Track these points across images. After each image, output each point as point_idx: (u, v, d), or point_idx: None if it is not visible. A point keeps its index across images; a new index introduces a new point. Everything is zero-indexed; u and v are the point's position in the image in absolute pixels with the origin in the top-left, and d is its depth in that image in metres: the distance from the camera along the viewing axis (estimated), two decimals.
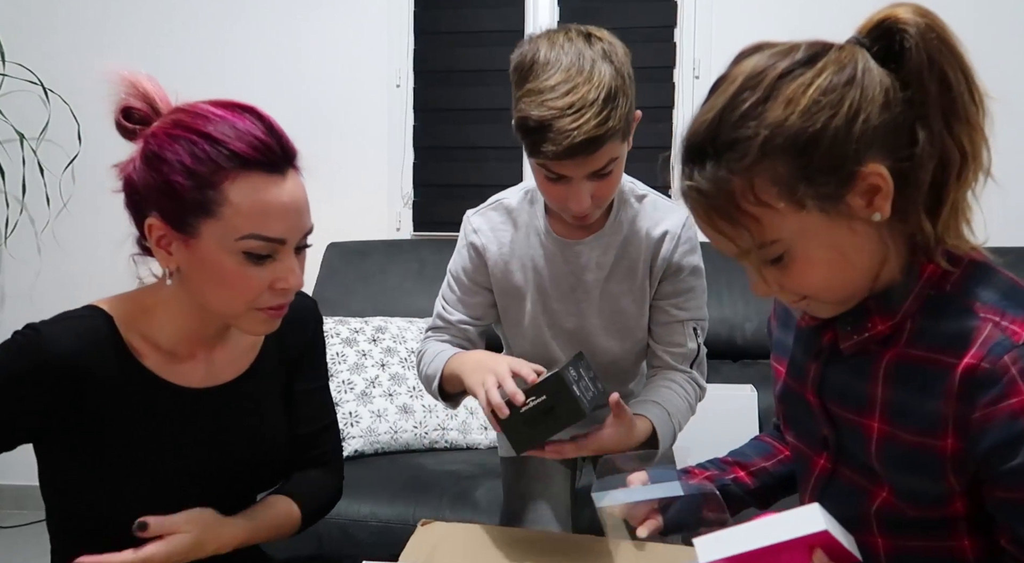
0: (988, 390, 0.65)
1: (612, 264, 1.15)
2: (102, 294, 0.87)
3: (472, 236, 1.21)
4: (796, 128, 0.65)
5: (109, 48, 2.51)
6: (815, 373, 0.80)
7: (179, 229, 0.79)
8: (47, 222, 2.52)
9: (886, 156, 0.67)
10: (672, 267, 1.16)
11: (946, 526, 0.73)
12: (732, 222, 0.68)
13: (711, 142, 0.68)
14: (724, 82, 0.70)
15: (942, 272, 0.71)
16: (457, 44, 2.39)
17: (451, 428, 1.93)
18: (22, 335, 0.81)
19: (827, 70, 0.66)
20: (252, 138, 0.77)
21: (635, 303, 1.17)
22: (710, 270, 2.17)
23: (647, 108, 2.29)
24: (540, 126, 0.97)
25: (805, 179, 0.66)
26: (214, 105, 0.80)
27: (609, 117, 0.97)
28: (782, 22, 2.18)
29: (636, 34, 2.32)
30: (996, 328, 0.67)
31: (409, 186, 2.43)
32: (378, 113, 2.41)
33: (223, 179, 0.76)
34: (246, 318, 0.83)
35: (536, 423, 0.93)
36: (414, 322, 2.07)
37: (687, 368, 1.20)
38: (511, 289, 1.19)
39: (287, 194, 0.79)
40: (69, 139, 2.47)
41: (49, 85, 2.44)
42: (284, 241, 0.79)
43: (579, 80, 0.96)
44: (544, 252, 1.16)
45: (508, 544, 1.03)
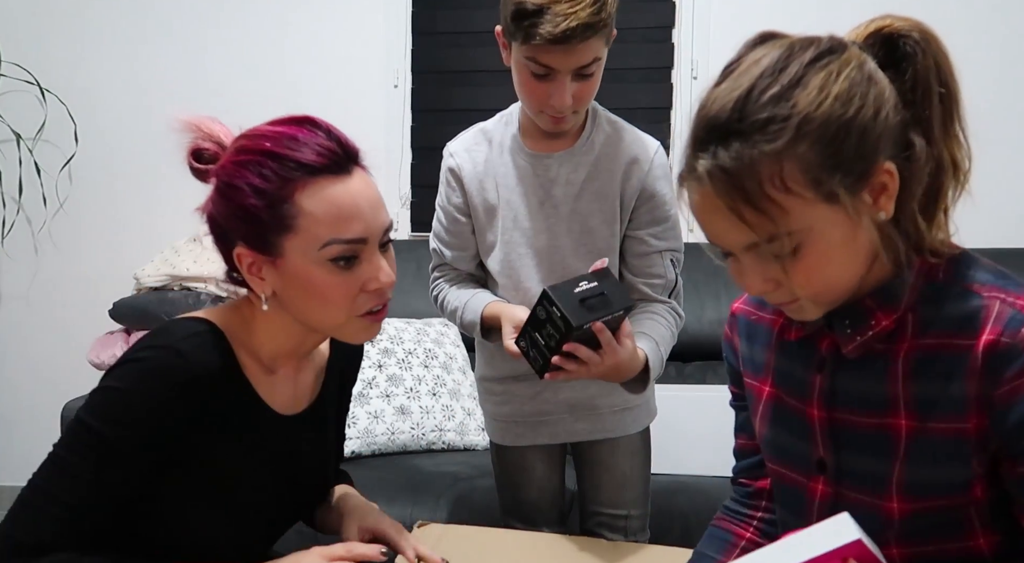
0: (1012, 364, 0.65)
1: (583, 181, 1.17)
2: (99, 294, 0.87)
3: (449, 160, 1.25)
4: (829, 115, 0.64)
5: (106, 48, 2.50)
6: (822, 385, 0.77)
7: (264, 251, 0.79)
8: (44, 222, 2.52)
9: (893, 156, 0.67)
10: (646, 192, 1.17)
11: (962, 525, 0.72)
12: (755, 208, 0.65)
13: (739, 121, 0.65)
14: (742, 65, 0.68)
15: (931, 265, 0.72)
16: (455, 44, 2.39)
17: (448, 429, 1.93)
18: (161, 354, 0.77)
19: (852, 62, 0.66)
20: (314, 145, 0.77)
21: (605, 223, 1.18)
22: (707, 270, 2.18)
23: (645, 109, 2.33)
24: (539, 9, 1.00)
25: (832, 168, 0.64)
26: (272, 124, 0.80)
27: (602, 8, 1.02)
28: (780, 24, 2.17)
29: (634, 35, 2.32)
30: (1005, 305, 0.67)
31: (407, 187, 2.43)
32: (376, 113, 2.40)
33: (293, 191, 0.76)
34: (348, 327, 0.82)
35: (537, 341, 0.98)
36: (411, 323, 2.07)
37: (666, 298, 1.21)
38: (486, 207, 1.21)
39: (357, 193, 0.78)
40: (66, 139, 2.46)
41: (46, 85, 2.44)
42: (365, 240, 0.79)
43: None
44: (515, 167, 1.19)
45: (505, 546, 1.03)
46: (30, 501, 0.76)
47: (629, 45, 2.32)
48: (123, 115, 2.52)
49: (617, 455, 1.26)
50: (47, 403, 2.12)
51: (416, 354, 1.99)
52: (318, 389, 0.94)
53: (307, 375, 0.92)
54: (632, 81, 2.32)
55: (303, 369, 0.91)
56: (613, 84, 2.32)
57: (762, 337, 0.84)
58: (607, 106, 2.61)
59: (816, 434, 0.77)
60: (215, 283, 2.13)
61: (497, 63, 2.76)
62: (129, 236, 2.51)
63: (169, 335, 0.79)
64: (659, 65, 2.30)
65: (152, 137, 2.51)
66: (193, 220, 2.70)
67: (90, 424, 0.76)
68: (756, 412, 0.85)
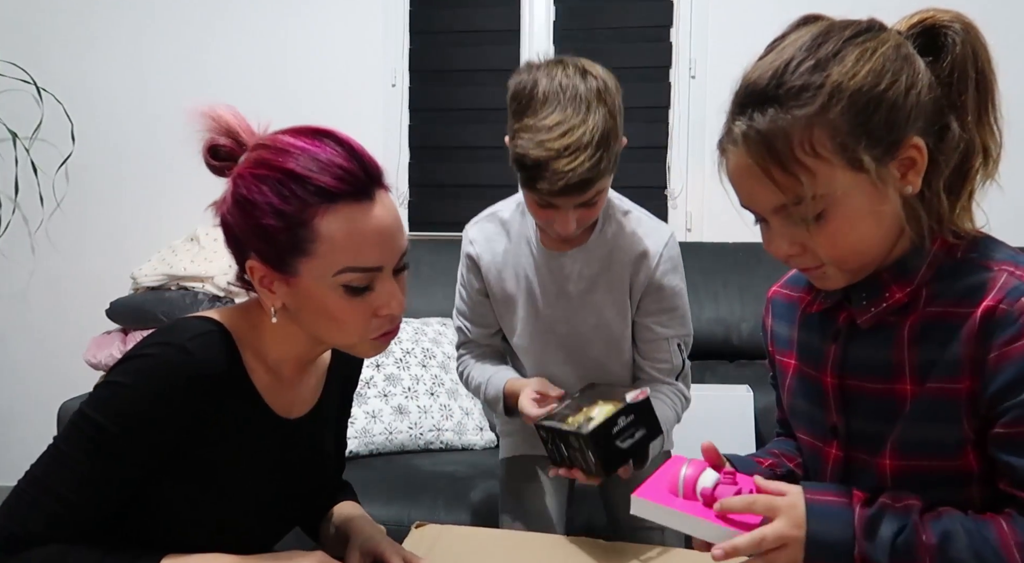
0: (1005, 330, 0.68)
1: (595, 276, 1.21)
2: (96, 294, 0.86)
3: (468, 247, 1.30)
4: (861, 85, 0.68)
5: (104, 47, 2.50)
6: (835, 354, 0.80)
7: (279, 269, 0.78)
8: (40, 222, 2.51)
9: (924, 134, 0.71)
10: (653, 285, 1.20)
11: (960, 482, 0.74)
12: (785, 170, 0.69)
13: (776, 87, 0.69)
14: (785, 39, 0.73)
15: (951, 244, 0.75)
16: (453, 43, 2.38)
17: (446, 429, 1.93)
18: (168, 351, 0.77)
19: (889, 42, 0.70)
20: (336, 169, 0.75)
21: (619, 315, 1.23)
22: (705, 270, 2.18)
23: (643, 108, 2.33)
24: (537, 165, 1.03)
25: (860, 137, 0.68)
26: (294, 136, 0.78)
27: (601, 159, 1.03)
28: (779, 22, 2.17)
29: (632, 33, 2.31)
30: (1012, 276, 0.70)
31: (404, 186, 2.42)
32: (373, 112, 2.40)
33: (313, 216, 0.75)
34: (359, 347, 0.83)
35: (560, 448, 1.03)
36: (409, 322, 2.07)
37: (672, 381, 1.26)
38: (505, 296, 1.26)
39: (378, 219, 0.77)
40: (62, 138, 2.46)
41: (42, 84, 2.43)
42: (381, 268, 0.78)
43: (575, 121, 1.02)
44: (533, 261, 1.23)
45: (503, 546, 1.03)
46: (24, 493, 0.76)
47: (627, 44, 2.32)
48: (120, 114, 2.52)
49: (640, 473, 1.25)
50: (44, 403, 2.11)
51: (414, 353, 1.99)
52: (319, 393, 0.94)
53: (310, 379, 0.92)
54: (630, 80, 2.30)
55: (306, 374, 0.91)
56: None
57: (790, 315, 0.89)
58: None
59: (830, 400, 0.81)
60: (212, 282, 2.13)
61: (495, 63, 2.75)
62: (126, 235, 2.50)
63: (177, 333, 0.78)
64: (657, 64, 2.30)
65: (150, 136, 2.51)
66: (191, 219, 2.70)
67: (92, 417, 0.76)
68: (784, 385, 0.90)
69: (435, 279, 2.19)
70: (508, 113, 1.10)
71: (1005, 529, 0.69)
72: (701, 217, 2.30)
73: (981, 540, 0.69)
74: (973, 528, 0.70)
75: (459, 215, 2.43)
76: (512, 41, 2.35)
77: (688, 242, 2.29)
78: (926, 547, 0.69)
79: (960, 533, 0.69)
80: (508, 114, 1.10)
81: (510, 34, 2.35)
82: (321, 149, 0.76)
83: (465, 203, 2.43)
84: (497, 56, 2.35)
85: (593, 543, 1.06)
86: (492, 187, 2.41)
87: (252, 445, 0.84)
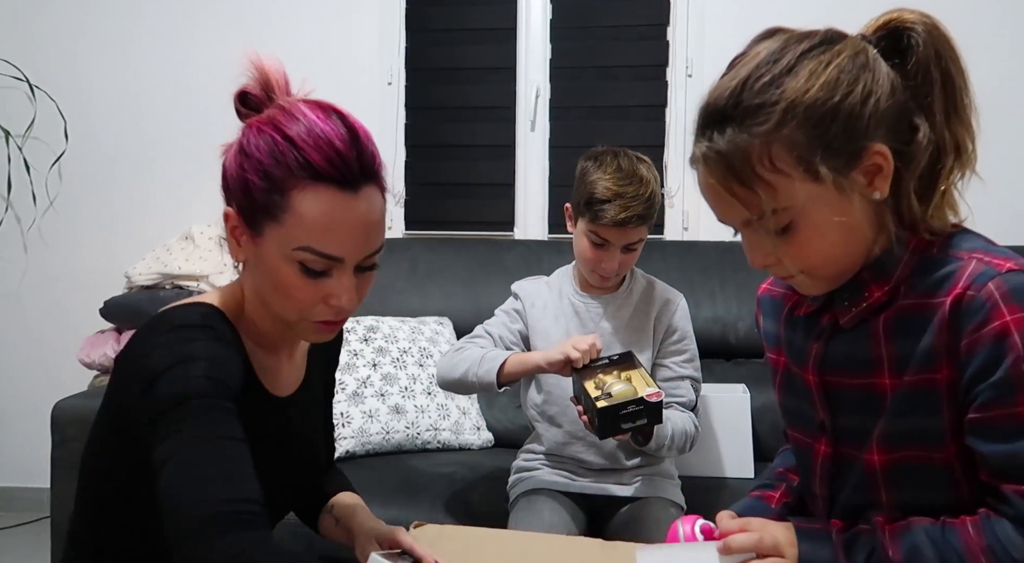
0: (974, 317, 0.69)
1: (624, 316, 1.50)
2: (90, 293, 0.85)
3: (518, 290, 1.57)
4: (816, 99, 0.69)
5: (97, 45, 2.48)
6: (817, 352, 0.82)
7: (249, 225, 0.79)
8: (33, 220, 2.50)
9: (889, 140, 0.71)
10: (672, 328, 1.50)
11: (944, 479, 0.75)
12: (746, 186, 0.71)
13: (734, 108, 0.71)
14: (745, 57, 0.74)
15: (926, 241, 0.76)
16: (449, 41, 2.37)
17: (444, 429, 1.92)
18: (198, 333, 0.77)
19: (844, 52, 0.71)
20: (330, 150, 0.75)
21: (642, 352, 1.47)
22: (702, 269, 2.18)
23: (639, 106, 2.33)
24: (607, 199, 1.35)
25: (819, 149, 0.70)
26: (309, 105, 0.79)
27: (652, 205, 1.38)
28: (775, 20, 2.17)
29: (629, 32, 2.31)
30: (980, 262, 0.71)
31: (400, 184, 2.42)
32: (370, 111, 2.39)
33: (292, 186, 0.75)
34: (299, 326, 0.82)
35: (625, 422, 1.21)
36: (406, 321, 2.06)
37: (688, 412, 1.49)
38: (544, 330, 1.51)
39: (354, 213, 0.76)
40: (56, 136, 2.44)
41: (35, 81, 2.41)
42: (341, 259, 0.77)
43: (635, 176, 1.38)
44: (572, 305, 1.52)
45: (501, 546, 1.02)
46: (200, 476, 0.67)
47: (623, 43, 2.32)
48: (114, 112, 2.50)
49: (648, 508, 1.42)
50: (37, 403, 2.10)
51: (411, 353, 1.98)
52: (304, 371, 0.94)
53: (294, 360, 0.93)
54: (627, 79, 2.31)
55: (292, 355, 0.92)
56: (608, 82, 2.32)
57: (777, 312, 0.91)
58: (603, 104, 2.60)
59: (815, 397, 0.83)
60: (207, 281, 2.12)
61: (491, 61, 2.75)
62: (120, 234, 2.49)
63: (189, 316, 0.79)
64: (654, 62, 2.30)
65: (143, 134, 2.50)
66: (185, 218, 2.69)
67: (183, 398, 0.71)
68: (774, 382, 0.92)
69: (431, 278, 2.18)
70: (576, 179, 1.44)
71: (971, 534, 0.69)
72: (698, 216, 2.30)
73: (947, 548, 0.70)
74: (939, 538, 0.71)
75: (456, 213, 2.44)
76: (509, 39, 2.35)
77: (685, 241, 2.29)
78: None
79: (927, 545, 0.70)
80: (576, 180, 1.43)
81: (507, 32, 2.35)
82: (327, 125, 0.76)
83: (462, 201, 2.44)
84: (494, 54, 2.35)
85: (592, 542, 1.05)
86: (489, 186, 2.41)
87: (252, 423, 0.83)
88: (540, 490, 1.46)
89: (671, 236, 2.32)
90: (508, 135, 2.36)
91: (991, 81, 2.09)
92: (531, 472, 1.51)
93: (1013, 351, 0.67)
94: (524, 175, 2.38)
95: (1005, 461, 0.69)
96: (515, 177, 2.38)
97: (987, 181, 0.77)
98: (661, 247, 2.19)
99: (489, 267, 2.17)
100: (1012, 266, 0.70)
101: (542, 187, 2.38)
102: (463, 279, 2.17)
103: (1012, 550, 0.67)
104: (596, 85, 2.32)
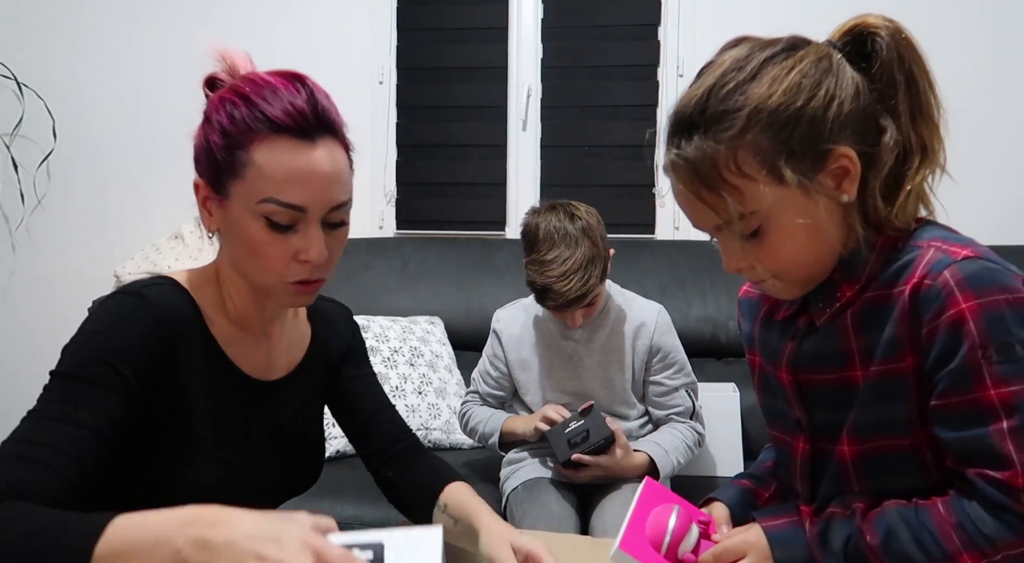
0: (931, 305, 0.70)
1: (601, 342, 1.56)
2: (78, 293, 0.85)
3: (495, 324, 1.66)
4: (779, 105, 0.71)
5: (86, 43, 2.47)
6: (790, 350, 0.83)
7: (216, 190, 0.80)
8: (21, 219, 2.48)
9: (855, 143, 0.73)
10: (654, 348, 1.56)
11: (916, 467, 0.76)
12: (714, 192, 0.72)
13: (700, 115, 0.73)
14: (711, 66, 0.76)
15: (892, 238, 0.77)
16: (440, 41, 2.37)
17: (434, 428, 1.92)
18: (126, 298, 0.78)
19: (807, 58, 0.73)
20: (287, 104, 0.78)
21: (620, 371, 1.56)
22: (693, 268, 2.19)
23: (631, 106, 2.33)
24: (542, 289, 1.41)
25: (784, 153, 0.71)
26: (270, 73, 0.82)
27: (588, 279, 1.40)
28: (765, 21, 2.19)
29: (620, 32, 2.32)
30: (938, 250, 0.72)
31: (392, 184, 2.41)
32: (361, 110, 2.39)
33: (251, 140, 0.77)
34: (276, 291, 0.82)
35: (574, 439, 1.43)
36: (397, 321, 2.05)
37: (687, 421, 1.57)
38: (521, 360, 1.61)
39: (312, 161, 0.78)
40: (44, 135, 2.42)
41: (23, 80, 2.39)
42: (304, 209, 0.78)
43: (566, 255, 1.39)
44: (549, 334, 1.58)
45: None
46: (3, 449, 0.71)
47: (615, 42, 2.32)
48: (103, 111, 2.48)
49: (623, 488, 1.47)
50: (25, 403, 2.08)
51: (402, 352, 1.98)
52: (298, 361, 0.94)
53: (280, 343, 0.92)
54: (618, 78, 2.32)
55: (275, 336, 0.91)
56: (599, 81, 2.32)
57: (754, 313, 0.92)
58: (594, 104, 2.60)
59: (790, 396, 0.84)
60: None
61: (483, 60, 2.74)
62: (109, 233, 2.47)
63: (131, 285, 0.80)
64: (645, 62, 2.30)
65: (132, 133, 2.48)
66: (175, 217, 2.67)
67: (59, 372, 0.76)
68: (753, 383, 0.93)
69: (423, 277, 2.18)
70: (521, 247, 1.49)
71: (942, 512, 0.71)
72: None
73: (920, 529, 0.71)
74: (913, 519, 0.72)
75: (447, 213, 2.44)
76: (500, 39, 2.35)
77: (675, 241, 2.30)
78: (871, 548, 0.73)
79: (901, 527, 0.72)
80: (521, 248, 1.49)
81: (498, 32, 2.35)
82: (284, 86, 0.80)
83: (453, 201, 2.43)
84: (485, 54, 2.35)
85: (583, 539, 1.05)
86: (480, 185, 2.41)
87: (224, 403, 0.84)
88: (536, 480, 1.50)
89: (662, 236, 2.33)
90: (499, 134, 2.36)
91: (961, 80, 2.11)
92: (521, 463, 1.55)
93: (969, 338, 0.69)
94: (515, 174, 2.38)
95: (967, 447, 0.70)
96: (506, 176, 2.38)
97: (959, 181, 0.79)
98: (652, 247, 2.19)
99: (480, 266, 2.17)
100: (967, 253, 0.71)
101: (533, 186, 2.38)
102: (454, 279, 2.17)
103: (981, 526, 0.68)
104: (588, 85, 2.33)
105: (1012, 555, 0.68)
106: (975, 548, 0.68)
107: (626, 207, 2.33)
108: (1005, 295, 0.69)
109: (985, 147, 2.13)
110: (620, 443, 1.44)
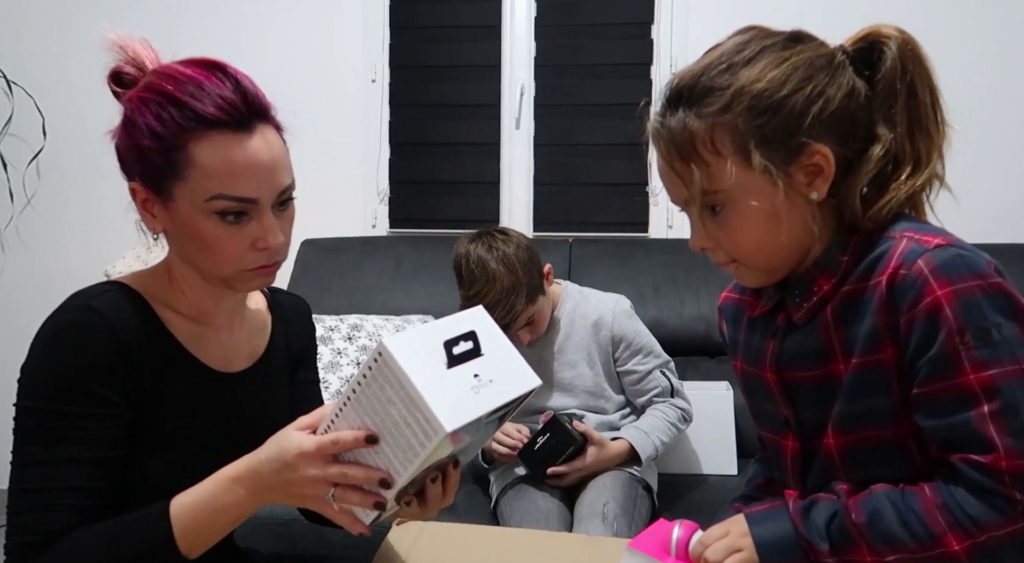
0: (907, 294, 0.71)
1: (563, 341, 1.61)
2: (69, 292, 0.84)
3: None
4: (763, 90, 0.72)
5: (76, 40, 2.45)
6: (772, 349, 0.84)
7: (157, 192, 0.79)
8: (11, 218, 2.46)
9: (837, 143, 0.74)
10: (616, 338, 1.61)
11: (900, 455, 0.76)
12: (686, 164, 0.75)
13: (690, 89, 0.75)
14: (715, 47, 0.78)
15: (869, 232, 0.78)
16: (433, 39, 2.37)
17: None
18: (72, 313, 0.77)
19: (805, 53, 0.74)
20: (216, 97, 0.76)
21: (587, 365, 1.61)
22: (686, 267, 2.19)
23: (624, 105, 2.33)
24: None
25: (758, 138, 0.73)
26: (184, 65, 0.80)
27: (512, 307, 1.47)
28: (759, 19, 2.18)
29: (613, 30, 2.32)
30: (911, 241, 0.73)
31: (385, 182, 2.41)
32: (353, 108, 2.38)
33: (187, 140, 0.76)
34: (236, 279, 0.82)
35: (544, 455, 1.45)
36: (390, 320, 2.05)
37: (666, 399, 1.61)
38: None
39: (254, 151, 0.77)
40: (34, 133, 2.41)
41: (12, 77, 2.38)
42: (255, 200, 0.78)
43: (486, 289, 1.48)
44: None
45: (485, 542, 1.02)
46: (14, 506, 0.75)
47: (608, 41, 2.32)
48: (93, 109, 2.46)
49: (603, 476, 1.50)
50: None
51: None
52: (261, 351, 0.93)
53: (240, 334, 0.91)
54: (611, 77, 2.32)
55: (235, 327, 0.90)
56: (593, 79, 2.32)
57: (738, 318, 0.92)
58: (586, 102, 2.60)
59: (776, 395, 0.84)
60: None
61: (476, 58, 2.74)
62: (99, 232, 2.46)
63: (75, 298, 0.79)
64: (638, 61, 2.30)
65: None
66: None
67: (26, 406, 0.76)
68: (741, 387, 0.93)
69: (415, 276, 2.17)
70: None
71: (928, 494, 0.72)
72: (682, 214, 2.30)
73: (907, 509, 0.72)
74: (899, 500, 0.73)
75: (440, 211, 2.44)
76: (493, 37, 2.34)
77: (669, 239, 2.30)
78: (856, 526, 0.73)
79: (887, 507, 0.73)
80: None
81: (491, 30, 2.34)
82: (207, 79, 0.78)
83: (446, 199, 2.43)
84: (478, 52, 2.34)
85: (574, 537, 1.05)
86: (473, 183, 2.41)
87: (191, 399, 0.84)
88: (523, 480, 1.51)
89: (655, 234, 2.33)
90: (493, 133, 2.36)
91: (963, 80, 2.12)
92: (508, 465, 1.56)
93: (946, 325, 0.69)
94: (509, 173, 2.38)
95: (950, 433, 0.71)
96: (500, 175, 2.38)
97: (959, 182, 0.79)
98: (645, 245, 2.19)
99: None
100: (939, 242, 0.71)
101: (527, 185, 2.38)
102: (448, 277, 2.15)
103: (967, 508, 0.69)
104: (581, 83, 2.33)
105: (997, 535, 0.68)
106: (960, 529, 0.69)
107: (619, 205, 2.33)
108: (979, 281, 0.70)
109: (985, 147, 2.14)
110: (593, 441, 1.46)
